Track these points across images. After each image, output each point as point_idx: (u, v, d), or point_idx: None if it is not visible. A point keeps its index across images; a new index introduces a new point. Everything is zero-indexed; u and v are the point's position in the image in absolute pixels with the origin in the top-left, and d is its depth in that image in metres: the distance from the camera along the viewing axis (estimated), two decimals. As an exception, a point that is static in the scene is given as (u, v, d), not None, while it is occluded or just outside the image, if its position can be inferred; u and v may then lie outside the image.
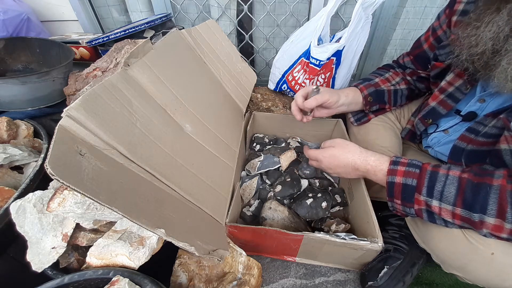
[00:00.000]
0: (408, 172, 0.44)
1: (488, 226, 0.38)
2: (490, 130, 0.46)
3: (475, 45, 0.41)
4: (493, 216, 0.37)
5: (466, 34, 0.42)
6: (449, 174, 0.41)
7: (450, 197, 0.40)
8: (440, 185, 0.41)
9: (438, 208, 0.42)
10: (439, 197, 0.41)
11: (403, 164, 0.46)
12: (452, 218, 0.41)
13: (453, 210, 0.41)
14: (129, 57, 0.48)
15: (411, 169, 0.44)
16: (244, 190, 0.71)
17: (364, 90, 0.67)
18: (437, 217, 0.43)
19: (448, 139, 0.58)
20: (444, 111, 0.56)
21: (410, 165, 0.45)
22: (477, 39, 0.40)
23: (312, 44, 0.79)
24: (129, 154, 0.40)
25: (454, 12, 0.54)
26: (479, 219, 0.39)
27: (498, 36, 0.38)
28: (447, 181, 0.41)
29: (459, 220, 0.41)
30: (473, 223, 0.40)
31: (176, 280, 0.48)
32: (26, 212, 0.43)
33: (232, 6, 1.02)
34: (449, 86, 0.55)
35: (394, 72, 0.71)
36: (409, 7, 0.95)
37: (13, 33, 0.93)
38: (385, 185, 0.47)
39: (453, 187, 0.40)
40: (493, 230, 0.38)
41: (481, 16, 0.40)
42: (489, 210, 0.37)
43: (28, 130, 0.69)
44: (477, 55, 0.41)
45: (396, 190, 0.45)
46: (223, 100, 0.75)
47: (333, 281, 0.60)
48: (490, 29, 0.38)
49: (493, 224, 0.38)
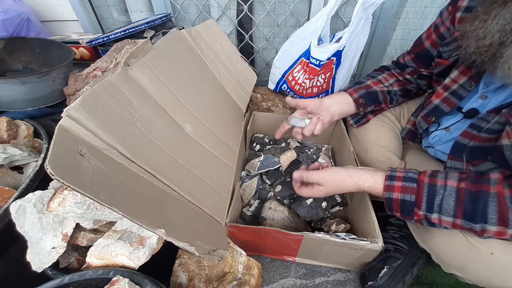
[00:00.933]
0: (406, 187, 0.44)
1: (490, 233, 0.39)
2: (493, 126, 0.46)
3: (483, 38, 0.41)
4: (495, 224, 0.38)
5: (473, 27, 0.43)
6: (447, 185, 0.41)
7: (449, 210, 0.40)
8: (439, 198, 0.41)
9: (438, 219, 0.42)
10: (438, 210, 0.41)
11: (399, 178, 0.45)
12: (453, 227, 0.42)
13: (454, 221, 0.41)
14: (129, 57, 0.48)
15: (408, 184, 0.44)
16: (244, 190, 0.71)
17: (354, 94, 0.66)
18: (438, 226, 0.43)
19: (449, 137, 0.57)
20: (448, 108, 0.56)
21: (406, 180, 0.44)
22: (485, 32, 0.41)
23: (312, 44, 0.79)
24: (129, 154, 0.40)
25: (457, 8, 0.54)
26: (480, 228, 0.39)
27: (504, 28, 0.39)
28: (445, 193, 0.41)
29: (460, 228, 0.42)
30: (475, 231, 0.40)
31: (176, 280, 0.48)
32: (26, 212, 0.43)
33: (232, 6, 1.02)
34: (453, 83, 0.54)
35: (388, 73, 0.71)
36: (409, 7, 0.95)
37: (13, 33, 0.93)
38: (383, 199, 0.47)
39: (452, 199, 0.40)
40: (496, 235, 0.39)
41: (488, 9, 0.41)
42: (490, 219, 0.38)
43: (28, 130, 0.68)
44: (485, 47, 0.42)
45: (395, 205, 0.45)
46: (223, 100, 0.75)
47: (333, 281, 0.60)
48: (497, 22, 0.39)
49: (495, 231, 0.38)
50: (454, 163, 0.51)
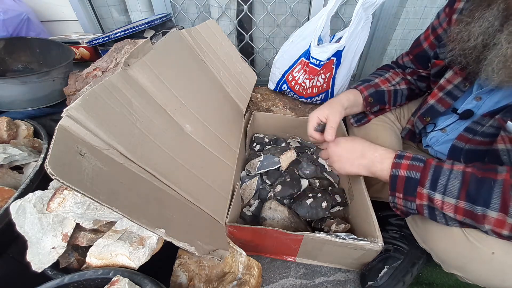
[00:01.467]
0: (412, 165, 0.44)
1: (490, 221, 0.38)
2: (487, 129, 0.46)
3: (467, 40, 0.42)
4: (496, 210, 0.37)
5: (458, 29, 0.44)
6: (453, 169, 0.41)
7: (454, 190, 0.40)
8: (444, 178, 0.41)
9: (440, 201, 0.41)
10: (442, 190, 0.41)
11: (408, 158, 0.46)
12: (454, 212, 0.41)
13: (456, 203, 0.40)
14: (129, 57, 0.48)
15: (415, 162, 0.44)
16: (244, 190, 0.71)
17: (364, 91, 0.66)
18: (439, 213, 0.43)
19: (446, 138, 0.58)
20: (443, 109, 0.56)
21: (414, 159, 0.45)
22: (469, 34, 0.42)
23: (312, 44, 0.79)
24: (129, 154, 0.40)
25: (454, 10, 0.54)
26: (481, 213, 0.38)
27: (487, 30, 0.39)
28: (451, 175, 0.41)
29: (462, 214, 0.41)
30: (476, 216, 0.39)
31: (176, 280, 0.48)
32: (26, 212, 0.43)
33: (232, 6, 1.02)
34: (448, 84, 0.55)
35: (394, 72, 0.71)
36: (409, 7, 0.95)
37: (13, 33, 0.93)
38: (388, 178, 0.47)
39: (457, 181, 0.40)
40: (495, 225, 0.38)
41: (472, 12, 0.42)
42: (493, 204, 0.37)
43: (28, 130, 0.68)
44: (469, 49, 0.43)
45: (399, 183, 0.45)
46: (223, 100, 0.75)
47: (333, 281, 0.60)
48: (480, 24, 0.40)
49: (496, 218, 0.38)
50: None
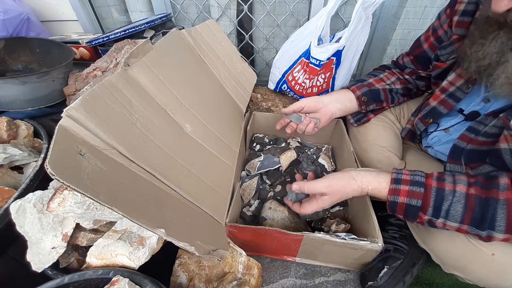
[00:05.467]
0: (412, 192, 0.42)
1: (496, 240, 0.38)
2: (490, 129, 0.46)
3: (483, 58, 0.44)
4: (502, 232, 0.37)
5: (473, 50, 0.46)
6: (456, 191, 0.40)
7: (457, 216, 0.39)
8: (447, 204, 0.40)
9: (442, 224, 0.41)
10: (445, 215, 0.40)
11: (406, 182, 0.43)
12: (457, 231, 0.41)
13: (459, 226, 0.40)
14: (129, 57, 0.48)
15: (415, 188, 0.42)
16: (244, 190, 0.71)
17: (357, 91, 0.66)
18: (440, 228, 0.43)
19: (448, 138, 0.58)
20: (445, 110, 0.56)
21: (413, 184, 0.43)
22: (484, 54, 0.44)
23: (312, 44, 0.79)
24: (129, 154, 0.40)
25: (455, 12, 0.54)
26: (486, 235, 0.39)
27: (502, 49, 0.42)
28: (454, 199, 0.40)
29: (465, 233, 0.41)
30: (480, 237, 0.40)
31: (176, 280, 0.48)
32: (26, 212, 0.43)
33: (232, 6, 1.01)
34: (450, 86, 0.55)
35: (389, 72, 0.71)
36: (409, 7, 0.95)
37: (13, 33, 0.93)
38: (387, 202, 0.45)
39: (460, 205, 0.39)
40: (502, 241, 0.38)
41: (484, 34, 0.44)
42: (498, 226, 0.37)
43: (28, 130, 0.69)
44: (484, 66, 0.45)
45: (399, 208, 0.44)
46: (223, 100, 0.75)
47: (333, 281, 0.60)
48: (494, 44, 0.42)
49: (502, 238, 0.38)
50: (453, 166, 0.51)
